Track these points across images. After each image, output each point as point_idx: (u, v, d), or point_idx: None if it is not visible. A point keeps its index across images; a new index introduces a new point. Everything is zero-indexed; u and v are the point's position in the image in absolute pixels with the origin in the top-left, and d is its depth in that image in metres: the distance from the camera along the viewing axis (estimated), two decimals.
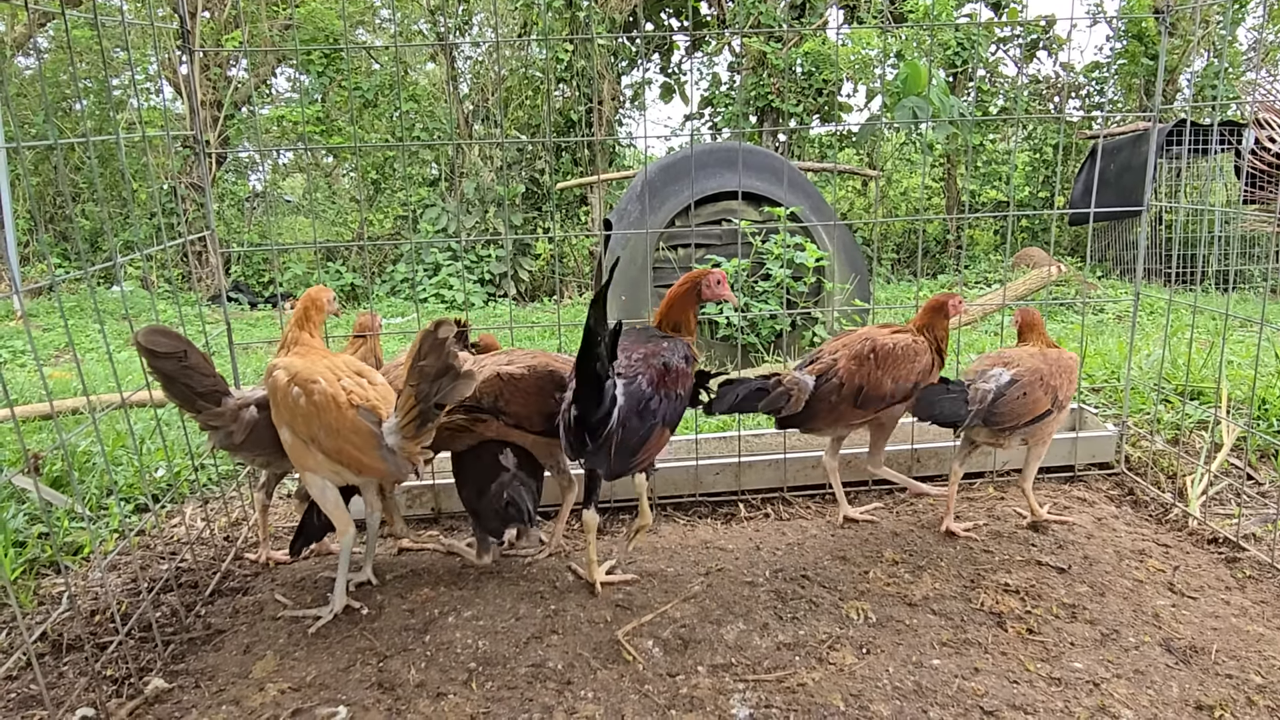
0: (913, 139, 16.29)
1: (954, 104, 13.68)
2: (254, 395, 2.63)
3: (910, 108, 12.77)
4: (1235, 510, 3.17)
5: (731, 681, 2.25)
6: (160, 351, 2.41)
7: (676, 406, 2.57)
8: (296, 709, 2.16)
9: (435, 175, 14.93)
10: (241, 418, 2.58)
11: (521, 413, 2.70)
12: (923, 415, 2.82)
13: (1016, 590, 2.66)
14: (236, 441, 2.60)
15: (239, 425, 2.57)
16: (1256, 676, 2.24)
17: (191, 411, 2.54)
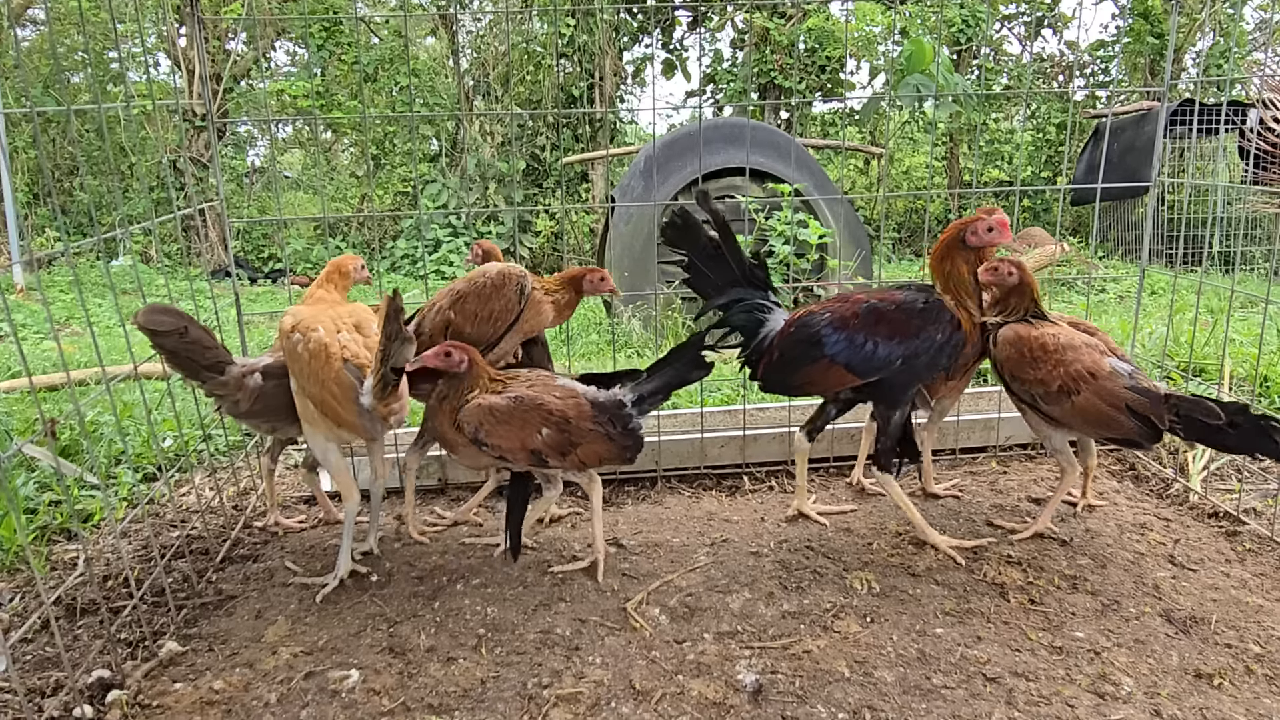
0: (916, 117, 16.23)
1: (958, 82, 13.62)
2: (259, 363, 2.65)
3: (914, 85, 12.71)
4: (1236, 485, 3.19)
5: (738, 649, 2.28)
6: (162, 330, 2.42)
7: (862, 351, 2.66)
8: (309, 672, 2.19)
9: (435, 151, 14.85)
10: (247, 385, 2.60)
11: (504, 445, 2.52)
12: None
13: (1019, 562, 2.69)
14: (243, 409, 2.63)
15: (244, 393, 2.60)
16: (1255, 646, 2.27)
17: (197, 382, 2.56)
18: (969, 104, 13.88)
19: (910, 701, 2.07)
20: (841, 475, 3.42)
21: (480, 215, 13.50)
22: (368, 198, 15.33)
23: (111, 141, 14.23)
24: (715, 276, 2.85)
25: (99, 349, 2.34)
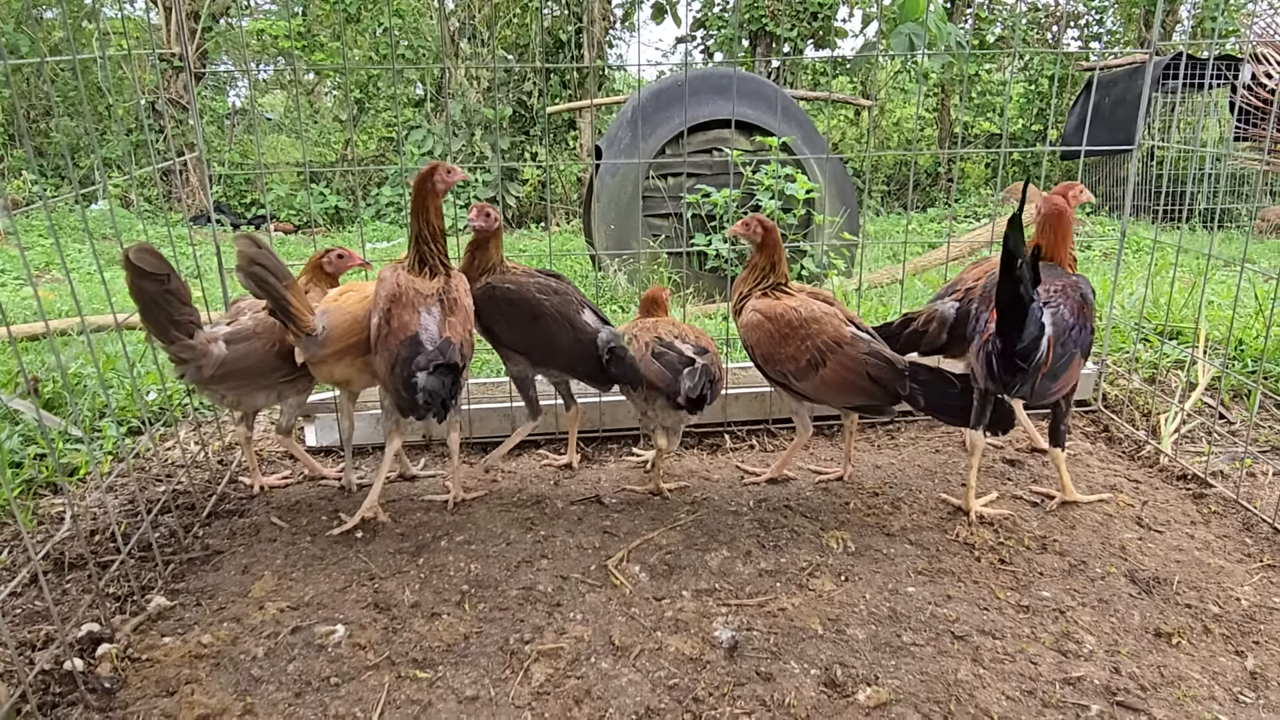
0: (908, 68, 16.03)
1: (951, 32, 13.43)
2: (221, 330, 2.64)
3: (907, 35, 12.54)
4: (1206, 448, 3.27)
5: (715, 606, 2.34)
6: (148, 271, 2.39)
7: (1089, 337, 2.62)
8: (296, 626, 2.24)
9: (420, 96, 14.58)
10: (211, 352, 2.58)
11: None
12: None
13: (991, 523, 2.76)
14: (205, 376, 2.60)
15: (208, 360, 2.57)
16: (1214, 606, 2.36)
17: (164, 340, 2.51)
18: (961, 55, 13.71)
19: (880, 658, 2.14)
20: (826, 436, 3.47)
21: (465, 163, 13.33)
22: (351, 143, 15.09)
23: (88, 82, 13.90)
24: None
25: (78, 298, 2.32)
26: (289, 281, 2.47)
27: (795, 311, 2.75)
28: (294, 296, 2.48)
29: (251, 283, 2.40)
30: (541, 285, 2.83)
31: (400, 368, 2.46)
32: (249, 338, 2.65)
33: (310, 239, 11.69)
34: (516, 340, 2.82)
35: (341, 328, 2.61)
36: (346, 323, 2.62)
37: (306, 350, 2.60)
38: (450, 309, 2.60)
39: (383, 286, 2.59)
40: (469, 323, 2.65)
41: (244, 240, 2.42)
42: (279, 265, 2.44)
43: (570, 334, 2.77)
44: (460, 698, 2.01)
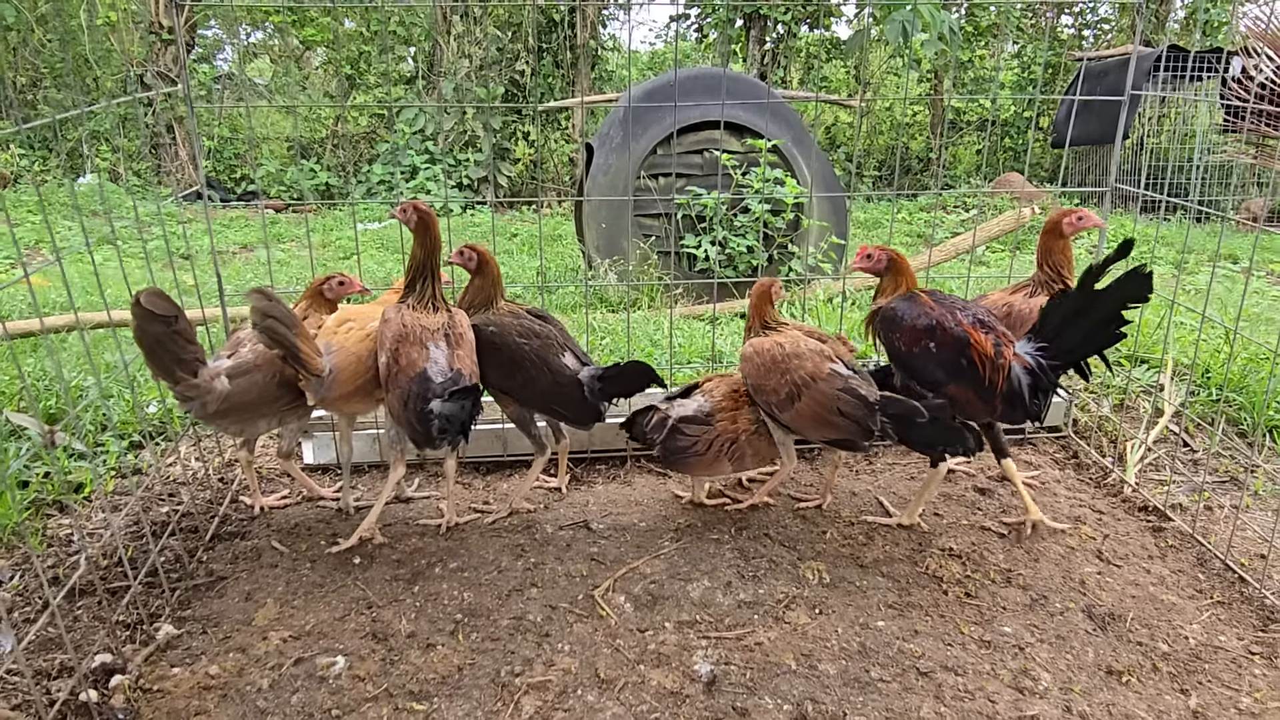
0: (901, 52, 16.01)
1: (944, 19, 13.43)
2: (224, 365, 2.72)
3: (901, 22, 12.53)
4: (1167, 478, 3.41)
5: (695, 638, 2.48)
6: (157, 313, 2.48)
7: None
8: (298, 657, 2.37)
9: (412, 73, 14.49)
10: (215, 389, 2.66)
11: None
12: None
13: (959, 555, 2.90)
14: (210, 412, 2.69)
15: (213, 396, 2.66)
16: (1164, 645, 2.51)
17: (170, 381, 2.60)
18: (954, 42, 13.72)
19: (849, 694, 2.29)
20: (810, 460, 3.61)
21: (458, 141, 13.31)
22: (342, 119, 15.00)
23: (75, 53, 13.74)
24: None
25: (71, 294, 2.41)
26: (298, 329, 2.57)
27: (780, 347, 2.88)
28: (303, 343, 2.58)
29: (266, 336, 2.50)
30: (523, 329, 2.91)
31: (413, 403, 2.58)
32: (250, 370, 2.74)
33: (301, 217, 11.69)
34: (500, 382, 2.92)
35: (348, 370, 2.71)
36: (353, 365, 2.72)
37: (315, 392, 2.70)
38: (456, 343, 2.71)
39: (388, 327, 2.69)
40: (474, 355, 2.76)
41: (256, 295, 2.51)
42: (288, 314, 2.54)
43: (549, 378, 2.87)
44: None
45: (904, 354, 2.80)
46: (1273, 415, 3.72)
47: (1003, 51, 16.97)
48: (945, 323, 2.74)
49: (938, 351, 2.72)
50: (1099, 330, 2.57)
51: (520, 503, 3.14)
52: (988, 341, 2.72)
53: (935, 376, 2.76)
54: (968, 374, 2.70)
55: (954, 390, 2.75)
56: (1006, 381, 2.69)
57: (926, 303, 2.80)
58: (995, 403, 2.72)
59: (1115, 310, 2.51)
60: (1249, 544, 2.97)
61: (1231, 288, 6.71)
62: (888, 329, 2.85)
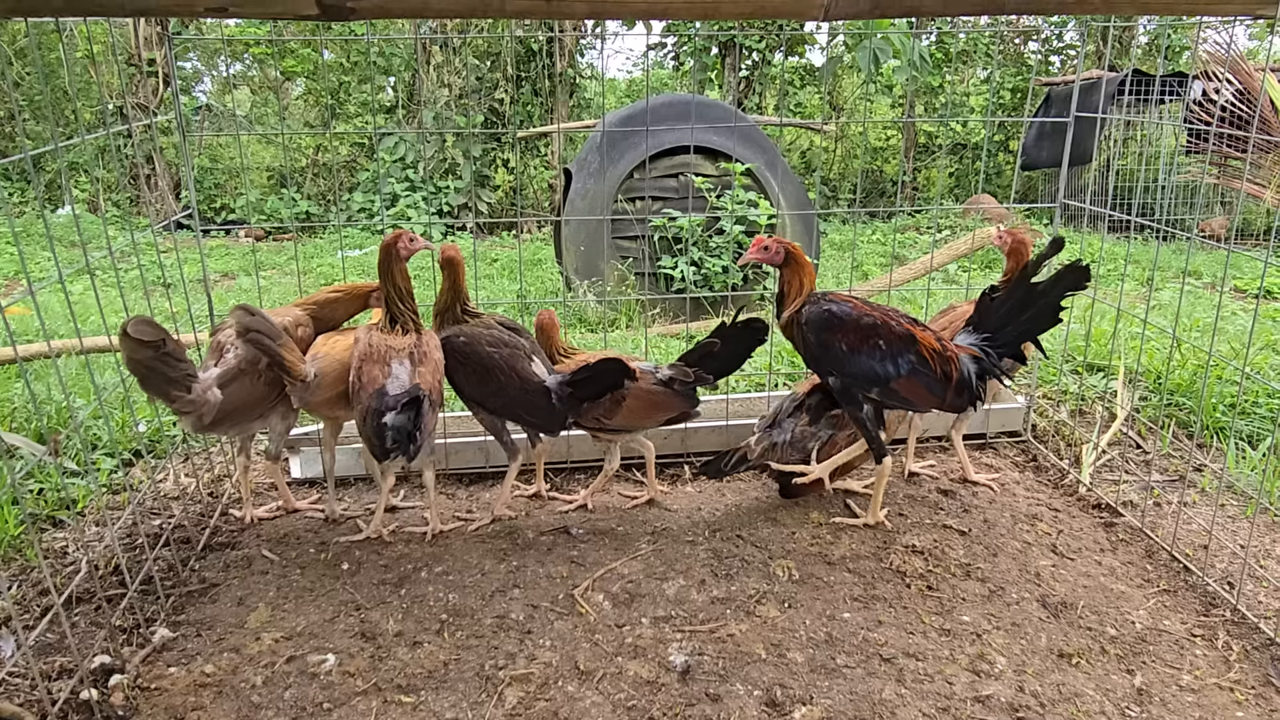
0: (874, 79, 16.42)
1: (914, 46, 13.82)
2: (213, 374, 2.81)
3: (872, 49, 12.89)
4: (1120, 479, 3.59)
5: (671, 632, 2.61)
6: (146, 340, 2.57)
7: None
8: (290, 656, 2.47)
9: (392, 102, 14.69)
10: (209, 400, 2.75)
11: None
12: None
13: (921, 551, 3.04)
14: (205, 423, 2.79)
15: (207, 409, 2.75)
16: (1112, 629, 2.66)
17: (165, 401, 2.70)
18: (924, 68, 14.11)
19: (816, 680, 2.42)
20: None
21: (438, 169, 13.48)
22: (323, 148, 15.15)
23: (53, 86, 13.85)
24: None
25: (43, 319, 2.51)
26: (282, 340, 2.70)
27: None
28: (287, 353, 2.71)
29: (251, 347, 2.63)
30: (493, 338, 3.05)
31: (370, 418, 2.72)
32: (237, 376, 2.84)
33: (281, 245, 11.79)
34: (472, 391, 3.06)
35: (331, 375, 2.85)
36: (336, 369, 2.86)
37: (299, 396, 2.82)
38: (420, 361, 2.84)
39: (356, 347, 2.84)
40: (439, 373, 2.90)
41: (239, 312, 2.65)
42: (270, 327, 2.67)
43: (518, 384, 3.01)
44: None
45: (846, 353, 2.91)
46: (1219, 418, 3.91)
47: (973, 76, 17.43)
48: (890, 321, 2.91)
49: (888, 349, 2.88)
50: (1040, 318, 2.84)
51: (502, 510, 3.26)
52: (931, 337, 2.90)
53: (884, 372, 2.90)
54: (919, 369, 2.87)
55: (901, 384, 2.91)
56: (959, 372, 2.87)
57: (857, 304, 2.96)
58: (946, 393, 2.89)
59: (1056, 300, 2.79)
60: (1194, 536, 3.14)
61: (1194, 303, 6.96)
62: (827, 330, 2.90)
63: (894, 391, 2.94)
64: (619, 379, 3.00)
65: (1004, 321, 2.92)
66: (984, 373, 2.95)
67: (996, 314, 2.93)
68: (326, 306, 3.17)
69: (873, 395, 2.96)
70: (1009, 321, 2.90)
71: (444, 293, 3.11)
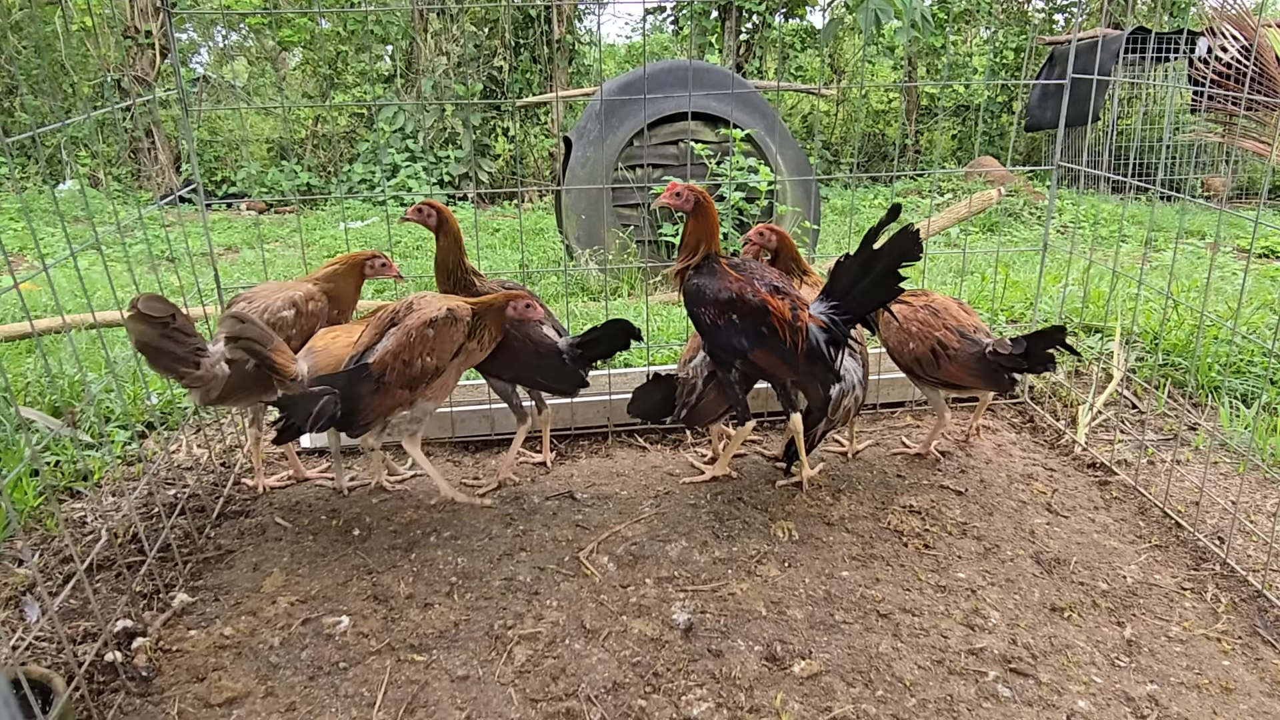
0: (876, 40, 16.24)
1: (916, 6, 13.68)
2: (221, 349, 2.86)
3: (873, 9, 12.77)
4: (1115, 438, 3.64)
5: (674, 592, 2.68)
6: (155, 317, 2.63)
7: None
8: (306, 618, 2.55)
9: (390, 71, 14.59)
10: (216, 375, 2.81)
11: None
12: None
13: (919, 511, 3.11)
14: (213, 397, 2.86)
15: (214, 383, 2.82)
16: (1103, 584, 2.73)
17: (174, 377, 2.77)
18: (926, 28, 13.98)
19: (815, 635, 2.49)
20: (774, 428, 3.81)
21: (438, 139, 13.42)
22: (322, 119, 15.07)
23: (50, 60, 13.76)
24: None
25: (57, 296, 2.57)
26: (272, 345, 2.77)
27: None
28: (276, 355, 2.78)
29: (241, 352, 2.70)
30: None
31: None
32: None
33: (283, 218, 11.80)
34: (487, 361, 3.11)
35: (325, 370, 2.89)
36: (331, 366, 2.90)
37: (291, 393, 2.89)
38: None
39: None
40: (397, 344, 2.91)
41: (229, 320, 2.73)
42: (260, 333, 2.75)
43: (531, 349, 3.07)
44: (453, 677, 2.34)
45: (710, 326, 2.96)
46: (1214, 377, 3.96)
47: (975, 36, 17.24)
48: (745, 293, 2.90)
49: (741, 322, 2.90)
50: (881, 285, 2.80)
51: (507, 474, 3.33)
52: (785, 306, 2.89)
53: (740, 345, 2.93)
54: (769, 340, 2.88)
55: (758, 356, 2.93)
56: (806, 342, 2.88)
57: (728, 274, 2.96)
58: (798, 362, 2.91)
59: (892, 267, 2.74)
60: (1186, 493, 3.21)
61: (1196, 263, 6.97)
62: (694, 303, 2.98)
63: (753, 363, 2.97)
64: (627, 339, 3.08)
65: (848, 289, 2.88)
66: (834, 341, 2.93)
67: (841, 282, 2.89)
68: (331, 280, 3.22)
69: (737, 365, 3.00)
70: (852, 289, 2.86)
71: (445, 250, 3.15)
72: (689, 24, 14.92)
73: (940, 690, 2.28)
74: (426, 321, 2.85)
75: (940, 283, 5.82)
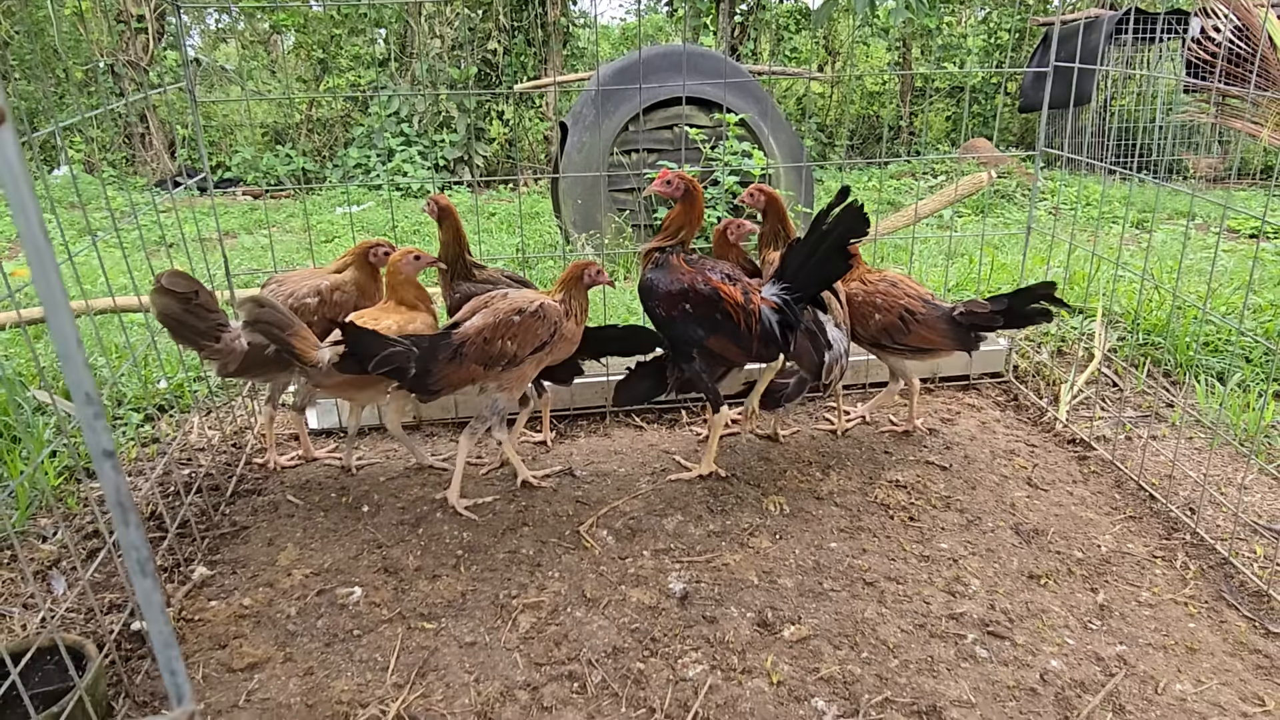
0: (870, 22, 16.26)
1: None
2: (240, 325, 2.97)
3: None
4: (1095, 415, 3.78)
5: (670, 563, 2.81)
6: (178, 292, 2.77)
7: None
8: (320, 589, 2.68)
9: (384, 54, 14.59)
10: (235, 349, 2.95)
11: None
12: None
13: (905, 486, 3.24)
14: (231, 369, 2.99)
15: (232, 357, 2.95)
16: (1079, 553, 2.87)
17: (195, 349, 2.91)
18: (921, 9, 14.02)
19: (804, 602, 2.63)
20: None
21: (433, 123, 13.45)
22: (317, 103, 15.08)
23: (43, 45, 13.75)
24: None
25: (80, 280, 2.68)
26: (292, 329, 2.86)
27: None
28: (297, 341, 2.88)
29: (259, 334, 2.80)
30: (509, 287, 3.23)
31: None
32: None
33: (278, 203, 11.86)
34: None
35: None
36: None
37: (312, 379, 2.99)
38: None
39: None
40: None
41: (249, 304, 2.81)
42: (279, 317, 2.84)
43: None
44: (461, 643, 2.47)
45: (665, 319, 3.08)
46: (1193, 356, 4.09)
47: (970, 17, 17.26)
48: (696, 284, 3.01)
49: (694, 311, 3.01)
50: (829, 263, 2.89)
51: (510, 454, 3.45)
52: (737, 292, 3.00)
53: (695, 334, 3.04)
54: (724, 326, 3.00)
55: (713, 342, 3.04)
56: (759, 324, 2.99)
57: (680, 267, 3.06)
58: (752, 345, 3.02)
59: (840, 244, 2.83)
60: (1161, 467, 3.34)
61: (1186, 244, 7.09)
62: (647, 299, 3.09)
63: (709, 350, 3.08)
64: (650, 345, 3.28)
65: (798, 269, 2.96)
66: (786, 323, 3.00)
67: (792, 263, 2.98)
68: (348, 270, 3.32)
69: (694, 354, 3.11)
70: (802, 268, 2.95)
71: (447, 245, 3.27)
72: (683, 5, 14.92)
73: (921, 652, 2.42)
74: (516, 309, 2.97)
75: (931, 265, 5.93)
